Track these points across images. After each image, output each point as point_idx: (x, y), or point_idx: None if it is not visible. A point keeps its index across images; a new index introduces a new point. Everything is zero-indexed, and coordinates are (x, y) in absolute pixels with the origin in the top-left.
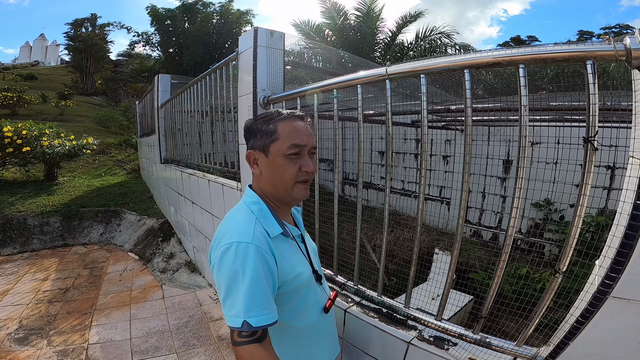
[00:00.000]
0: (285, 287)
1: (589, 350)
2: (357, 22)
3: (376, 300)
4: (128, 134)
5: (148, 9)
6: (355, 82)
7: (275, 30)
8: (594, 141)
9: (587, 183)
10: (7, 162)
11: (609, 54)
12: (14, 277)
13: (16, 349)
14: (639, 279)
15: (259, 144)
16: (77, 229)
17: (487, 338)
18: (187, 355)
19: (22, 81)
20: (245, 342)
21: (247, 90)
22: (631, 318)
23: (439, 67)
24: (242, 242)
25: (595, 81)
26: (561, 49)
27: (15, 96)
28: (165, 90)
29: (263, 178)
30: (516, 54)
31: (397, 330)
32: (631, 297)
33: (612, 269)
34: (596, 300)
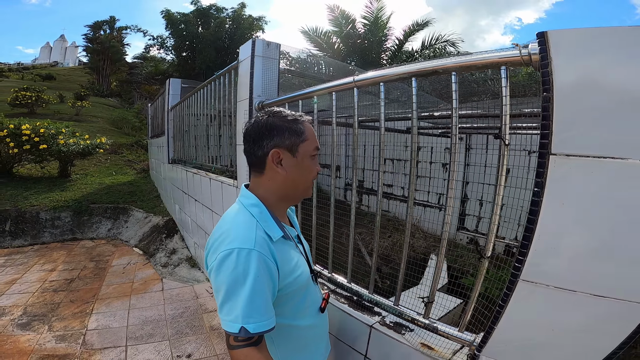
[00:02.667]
0: (286, 289)
1: (511, 335)
2: (363, 30)
3: (346, 287)
4: (140, 135)
5: (163, 13)
6: (330, 90)
7: (272, 42)
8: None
9: (502, 174)
10: (23, 158)
11: (517, 59)
12: (23, 267)
13: (18, 333)
14: (542, 263)
15: (287, 143)
16: (87, 224)
17: (435, 323)
18: (179, 342)
19: (41, 81)
20: (241, 346)
21: (245, 96)
22: (540, 302)
23: (393, 75)
24: (244, 249)
25: (507, 84)
26: (481, 57)
27: (33, 96)
28: (176, 93)
29: (283, 179)
30: (448, 63)
31: (363, 315)
32: (537, 280)
33: (520, 252)
34: (510, 284)
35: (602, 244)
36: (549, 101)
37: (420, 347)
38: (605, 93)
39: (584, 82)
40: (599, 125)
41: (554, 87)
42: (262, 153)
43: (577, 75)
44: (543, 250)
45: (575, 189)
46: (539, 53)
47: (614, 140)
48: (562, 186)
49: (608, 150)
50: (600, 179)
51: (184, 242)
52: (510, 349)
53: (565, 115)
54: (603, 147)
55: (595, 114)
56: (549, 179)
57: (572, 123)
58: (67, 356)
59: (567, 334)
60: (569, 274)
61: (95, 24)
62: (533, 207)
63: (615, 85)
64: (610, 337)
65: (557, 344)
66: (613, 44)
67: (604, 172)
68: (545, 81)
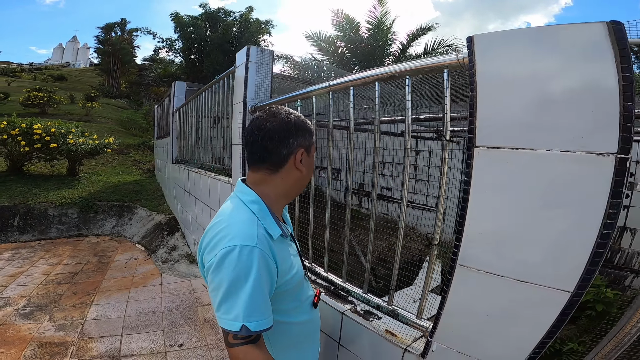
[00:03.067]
0: (283, 287)
1: (455, 321)
2: (367, 35)
3: (322, 276)
4: (147, 136)
5: (172, 15)
6: (311, 94)
7: (265, 48)
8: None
9: (445, 167)
10: (34, 157)
11: (455, 62)
12: (29, 261)
13: (19, 322)
14: (473, 247)
15: (308, 143)
16: (92, 220)
17: (397, 310)
18: (172, 332)
19: (53, 82)
20: (240, 344)
21: (239, 99)
22: (475, 287)
23: (360, 79)
24: (247, 246)
25: (448, 86)
26: (428, 62)
27: (45, 96)
28: (181, 96)
29: (298, 178)
30: (402, 68)
31: (336, 303)
32: (470, 264)
33: (456, 237)
34: (451, 269)
35: (518, 229)
36: (473, 99)
37: (385, 334)
38: (517, 90)
39: (501, 81)
40: (512, 119)
41: (477, 86)
42: (287, 152)
43: (495, 75)
44: (473, 235)
45: (495, 178)
46: (467, 56)
47: (524, 132)
48: (485, 175)
49: (519, 141)
50: (514, 168)
51: (184, 239)
52: (456, 334)
53: (486, 111)
54: (515, 139)
55: (509, 109)
56: (475, 169)
57: (491, 118)
58: (64, 344)
59: (499, 320)
60: (495, 259)
61: (106, 26)
62: (464, 195)
63: (525, 83)
64: (536, 325)
65: (493, 331)
66: (525, 44)
67: (517, 162)
68: (471, 81)
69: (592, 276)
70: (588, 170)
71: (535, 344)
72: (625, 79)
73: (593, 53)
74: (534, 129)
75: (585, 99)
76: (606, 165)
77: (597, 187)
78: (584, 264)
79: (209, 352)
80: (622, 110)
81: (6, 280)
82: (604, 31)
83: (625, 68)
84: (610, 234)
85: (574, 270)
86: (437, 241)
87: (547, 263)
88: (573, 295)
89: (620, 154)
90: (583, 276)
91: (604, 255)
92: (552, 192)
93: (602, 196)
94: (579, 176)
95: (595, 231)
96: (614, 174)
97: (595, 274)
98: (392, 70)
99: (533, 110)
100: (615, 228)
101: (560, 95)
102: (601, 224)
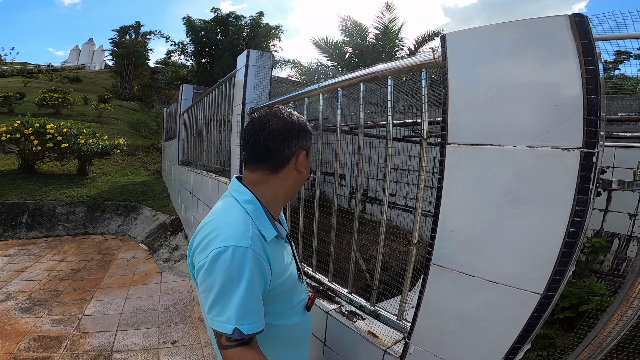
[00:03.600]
0: (276, 290)
1: (430, 322)
2: (375, 40)
3: (311, 275)
4: (156, 138)
5: (184, 19)
6: (303, 95)
7: (265, 52)
8: (424, 132)
9: (422, 165)
10: (45, 155)
11: (432, 62)
12: (34, 257)
13: (18, 316)
14: (446, 246)
15: (308, 145)
16: (99, 219)
17: (379, 310)
18: (167, 330)
19: (69, 83)
20: (233, 346)
21: (239, 102)
22: (448, 287)
23: (346, 81)
24: (240, 247)
25: (426, 85)
26: (407, 62)
27: (60, 97)
28: (188, 98)
29: (297, 179)
30: (384, 69)
31: (322, 302)
32: (443, 264)
33: (431, 236)
34: (426, 268)
35: (487, 227)
36: (445, 97)
37: (367, 335)
38: (483, 87)
39: (469, 78)
40: (481, 115)
41: (449, 84)
42: (290, 153)
43: (464, 73)
44: (446, 234)
45: (465, 175)
46: (440, 55)
47: (492, 128)
48: (455, 172)
49: (487, 138)
50: (483, 164)
51: (186, 240)
52: (432, 337)
53: (456, 108)
54: (484, 136)
55: (477, 106)
56: (446, 167)
57: (461, 115)
58: (59, 338)
59: (472, 322)
60: (466, 257)
61: (121, 29)
62: (438, 193)
63: (490, 79)
64: (508, 328)
65: (466, 333)
66: (489, 41)
67: (485, 158)
68: (444, 79)
69: (562, 277)
70: (553, 165)
71: (507, 348)
72: (588, 72)
73: (555, 47)
74: (500, 125)
75: (549, 93)
76: (571, 160)
77: (563, 182)
78: (552, 263)
79: (201, 350)
80: (586, 103)
81: (10, 276)
82: (566, 24)
83: (588, 61)
84: (579, 233)
85: (543, 271)
86: (416, 241)
87: (515, 263)
88: (543, 298)
89: (586, 148)
90: (552, 277)
91: (573, 256)
92: (519, 188)
93: (569, 192)
94: (544, 171)
95: (563, 229)
96: (580, 169)
97: (566, 276)
98: (375, 70)
99: (499, 106)
100: (584, 227)
101: (523, 90)
102: (568, 222)
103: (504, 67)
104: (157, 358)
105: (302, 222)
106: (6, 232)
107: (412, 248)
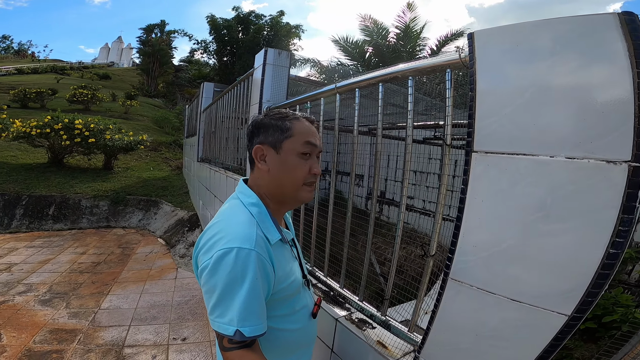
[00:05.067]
0: (279, 294)
1: (443, 338)
2: (395, 40)
3: (322, 280)
4: (178, 135)
5: (208, 18)
6: (320, 95)
7: (283, 51)
8: (447, 137)
9: (444, 174)
10: (74, 150)
11: (457, 62)
12: (58, 249)
13: (37, 308)
14: (466, 261)
15: (270, 140)
16: (121, 213)
17: (390, 321)
18: (178, 326)
19: (98, 80)
20: (235, 348)
21: (256, 101)
22: (465, 304)
23: (364, 81)
24: (244, 249)
25: (451, 87)
26: (430, 62)
27: (89, 94)
28: (208, 96)
29: (269, 176)
30: (405, 69)
31: (332, 308)
32: (462, 279)
33: (450, 249)
34: (443, 283)
35: (515, 243)
36: (473, 100)
37: (376, 345)
38: (518, 90)
39: (501, 80)
40: (513, 122)
41: (477, 86)
42: (251, 149)
43: (495, 74)
44: (467, 248)
45: (492, 186)
46: (467, 54)
47: (526, 136)
48: (481, 183)
49: (521, 146)
50: (512, 175)
51: None
52: (443, 352)
53: (485, 112)
54: (516, 144)
55: (510, 111)
56: (471, 177)
57: (490, 120)
58: (74, 331)
59: (488, 341)
60: (488, 274)
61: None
62: (460, 205)
63: (527, 82)
64: (527, 348)
65: (480, 351)
66: (527, 39)
67: (517, 169)
68: (471, 81)
69: (594, 299)
70: (596, 180)
71: None
72: None
73: (602, 47)
74: (535, 133)
75: (594, 98)
76: (618, 174)
77: (606, 199)
78: (585, 285)
79: (210, 348)
80: (637, 111)
81: (33, 267)
82: (615, 22)
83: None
84: (620, 254)
85: (574, 292)
86: (434, 252)
87: (543, 282)
88: (570, 319)
89: (635, 162)
90: (583, 299)
91: (609, 278)
92: (554, 204)
93: (612, 210)
94: (585, 186)
95: (602, 250)
96: (627, 185)
97: (598, 298)
98: (395, 70)
99: (535, 111)
100: (625, 247)
101: (564, 94)
102: (609, 243)
103: (542, 68)
104: (167, 354)
105: (315, 223)
106: (32, 223)
107: (429, 260)
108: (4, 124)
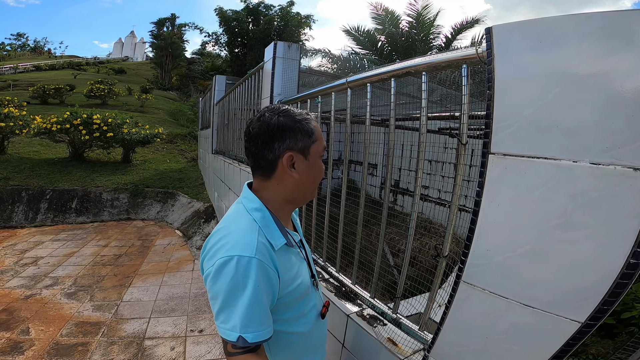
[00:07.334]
0: (286, 298)
1: (453, 338)
2: (407, 28)
3: (334, 276)
4: (193, 127)
5: (216, 10)
6: (330, 90)
7: (293, 44)
8: (463, 136)
9: (458, 174)
10: (93, 144)
11: (474, 57)
12: (82, 242)
13: (63, 301)
14: (479, 265)
15: (301, 145)
16: (140, 205)
17: (400, 319)
18: (195, 318)
19: (114, 74)
20: (239, 353)
21: (266, 94)
22: (476, 306)
23: (375, 76)
24: (244, 257)
25: (467, 83)
26: (445, 57)
27: (106, 88)
28: (221, 89)
29: (295, 183)
30: (418, 64)
31: (344, 304)
32: (475, 282)
33: (463, 252)
34: (455, 285)
35: (530, 250)
36: (491, 99)
37: (387, 342)
38: (540, 89)
39: (522, 78)
40: (535, 123)
41: (495, 83)
42: (274, 156)
43: (516, 71)
44: (481, 252)
45: (510, 190)
46: (485, 49)
47: (548, 139)
48: (498, 187)
49: (541, 150)
50: (532, 180)
51: None
52: (452, 353)
53: (504, 112)
54: (537, 147)
55: (531, 111)
56: (487, 179)
57: (509, 121)
58: (98, 324)
59: (497, 344)
60: (501, 279)
61: (159, 21)
62: (475, 208)
63: (550, 81)
64: (536, 353)
65: (490, 353)
66: (550, 35)
67: (535, 173)
68: (489, 78)
69: (610, 308)
70: (622, 187)
71: None
72: None
73: (637, 47)
74: (559, 136)
75: (625, 101)
76: None
77: (630, 208)
78: (602, 294)
79: None
80: None
81: (59, 260)
82: None
83: None
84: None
85: (589, 300)
86: (447, 253)
87: (557, 289)
88: (583, 326)
89: None
90: (599, 307)
91: (627, 287)
92: (575, 212)
93: (636, 220)
94: (610, 194)
95: (622, 260)
96: None
97: (614, 306)
98: (408, 65)
99: (558, 113)
100: None
101: (592, 95)
102: (630, 253)
103: (568, 67)
104: (184, 345)
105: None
106: (57, 217)
107: (442, 260)
108: (25, 121)
